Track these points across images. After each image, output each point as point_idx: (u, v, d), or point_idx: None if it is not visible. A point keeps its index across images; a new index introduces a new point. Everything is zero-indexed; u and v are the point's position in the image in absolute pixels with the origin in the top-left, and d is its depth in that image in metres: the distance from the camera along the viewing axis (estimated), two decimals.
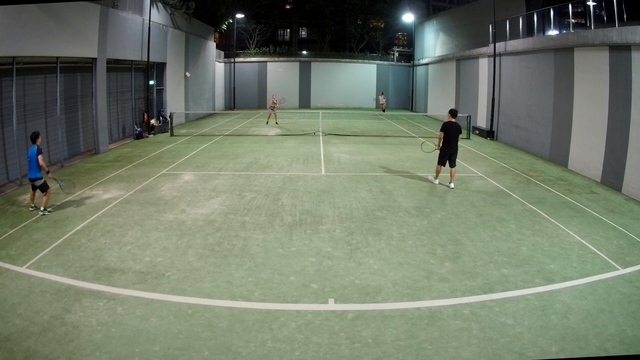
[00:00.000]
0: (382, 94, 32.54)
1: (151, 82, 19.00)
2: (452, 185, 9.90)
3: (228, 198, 9.05)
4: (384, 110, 30.88)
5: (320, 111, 24.27)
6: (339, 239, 6.91)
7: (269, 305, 4.96)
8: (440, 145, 10.03)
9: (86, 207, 8.41)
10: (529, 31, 16.24)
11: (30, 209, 8.15)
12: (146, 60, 17.78)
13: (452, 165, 9.99)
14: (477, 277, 5.65)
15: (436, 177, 10.17)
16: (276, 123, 22.61)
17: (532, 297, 5.16)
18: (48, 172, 7.95)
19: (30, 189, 8.20)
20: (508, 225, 7.57)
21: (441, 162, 10.04)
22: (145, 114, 18.46)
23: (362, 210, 8.30)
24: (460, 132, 10.08)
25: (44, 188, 7.98)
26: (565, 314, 4.79)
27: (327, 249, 6.49)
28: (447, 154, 9.91)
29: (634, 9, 10.61)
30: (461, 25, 25.29)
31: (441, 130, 10.05)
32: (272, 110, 22.76)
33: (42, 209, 7.96)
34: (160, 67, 20.51)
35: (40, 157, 7.82)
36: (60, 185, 8.43)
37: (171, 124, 18.72)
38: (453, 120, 9.98)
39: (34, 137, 8.04)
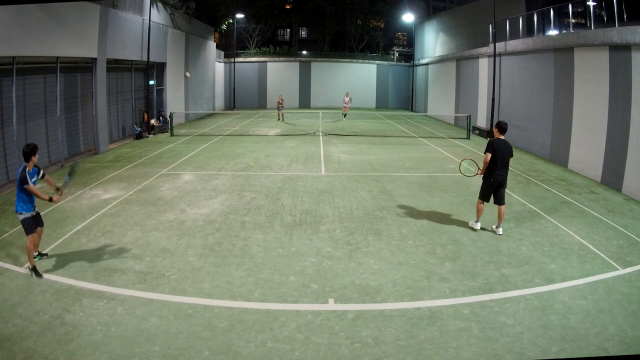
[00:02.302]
0: (348, 93, 25.81)
1: (151, 82, 19.00)
2: (500, 231, 7.16)
3: (228, 198, 9.05)
4: (344, 115, 25.04)
5: (320, 111, 24.30)
6: (339, 239, 6.91)
7: (269, 305, 4.96)
8: (484, 171, 7.23)
9: (86, 207, 8.41)
10: (529, 31, 16.25)
11: (35, 257, 5.83)
12: (146, 60, 17.78)
13: (500, 201, 7.19)
14: (477, 277, 5.65)
15: (477, 220, 7.35)
16: (282, 120, 23.42)
17: (532, 297, 5.16)
18: (50, 199, 5.65)
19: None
20: (508, 225, 7.56)
21: (484, 197, 7.27)
22: (145, 114, 18.46)
23: (362, 210, 8.30)
24: (511, 155, 7.20)
25: (25, 230, 5.54)
26: (565, 314, 4.79)
27: (327, 249, 6.49)
28: (494, 185, 7.12)
29: (634, 9, 10.61)
30: (461, 25, 25.29)
31: (486, 152, 7.11)
32: (279, 109, 23.54)
33: (26, 264, 5.61)
34: (160, 67, 20.51)
35: (30, 187, 5.44)
36: (66, 183, 6.03)
37: (171, 124, 18.72)
38: (502, 137, 7.17)
39: (29, 153, 5.56)
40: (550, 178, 11.23)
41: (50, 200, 5.66)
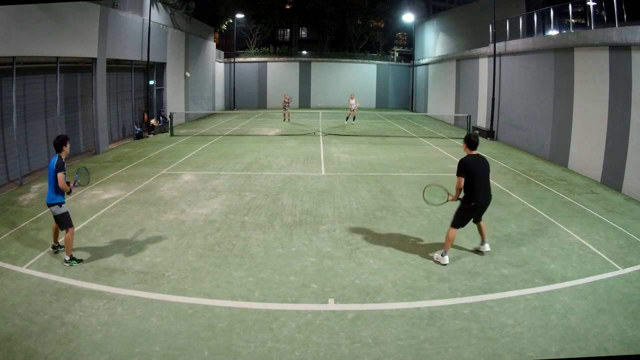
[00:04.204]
0: (353, 95, 22.67)
1: (151, 82, 19.00)
2: (487, 247, 6.30)
3: (228, 198, 9.05)
4: (354, 118, 22.55)
5: (320, 111, 24.32)
6: (339, 239, 6.91)
7: (269, 305, 4.96)
8: (460, 196, 6.02)
9: (86, 207, 8.41)
10: (529, 31, 16.25)
11: (52, 248, 6.22)
12: (146, 60, 17.78)
13: (479, 220, 6.21)
14: (477, 277, 5.65)
15: (445, 252, 6.02)
16: (288, 120, 23.30)
17: (532, 297, 5.16)
18: (70, 192, 5.93)
19: (53, 220, 6.05)
20: (508, 225, 7.57)
21: (460, 224, 6.05)
22: (145, 114, 18.46)
23: (362, 210, 8.30)
24: (489, 170, 6.07)
25: (62, 223, 5.82)
26: (565, 314, 4.79)
27: (327, 249, 6.49)
28: (476, 210, 6.00)
29: (634, 9, 10.61)
30: (461, 25, 25.30)
31: (459, 175, 5.88)
32: (285, 109, 23.56)
33: (66, 258, 5.82)
34: (160, 67, 20.51)
35: (60, 176, 5.63)
36: (77, 183, 6.20)
37: (171, 124, 18.72)
38: (474, 152, 6.01)
39: (60, 144, 5.77)
40: (550, 178, 11.22)
41: (69, 192, 5.91)
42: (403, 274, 5.71)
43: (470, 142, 6.00)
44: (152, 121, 18.72)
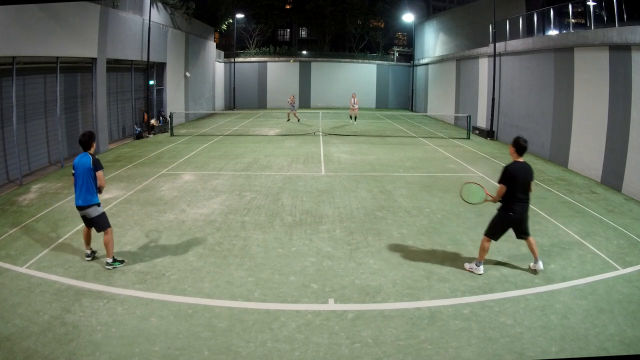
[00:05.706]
0: (355, 95, 22.99)
1: (151, 82, 19.00)
2: (540, 265, 5.78)
3: (228, 198, 9.05)
4: (355, 118, 22.96)
5: (320, 111, 24.33)
6: (339, 239, 6.91)
7: (269, 305, 4.96)
8: (498, 199, 5.67)
9: None
10: (529, 31, 16.25)
11: (87, 257, 5.96)
12: (146, 60, 17.78)
13: (524, 234, 5.77)
14: (477, 277, 5.64)
15: (479, 261, 5.75)
16: (297, 120, 23.34)
17: (532, 297, 5.16)
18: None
19: (84, 224, 5.87)
20: None
21: (494, 234, 5.71)
22: (145, 114, 18.46)
23: (362, 210, 8.30)
24: (533, 179, 5.70)
25: (101, 224, 5.67)
26: (565, 314, 4.79)
27: (327, 249, 6.49)
28: (513, 221, 5.63)
29: (634, 9, 10.61)
30: (461, 25, 25.30)
31: (501, 182, 5.57)
32: (291, 110, 23.63)
33: (109, 260, 5.70)
34: (160, 67, 20.51)
35: (100, 174, 5.61)
36: None
37: (171, 124, 18.72)
38: (521, 159, 5.65)
39: (88, 141, 5.55)
40: (550, 178, 11.22)
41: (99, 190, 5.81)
42: (403, 274, 5.71)
43: (519, 146, 5.59)
44: (152, 121, 18.72)
